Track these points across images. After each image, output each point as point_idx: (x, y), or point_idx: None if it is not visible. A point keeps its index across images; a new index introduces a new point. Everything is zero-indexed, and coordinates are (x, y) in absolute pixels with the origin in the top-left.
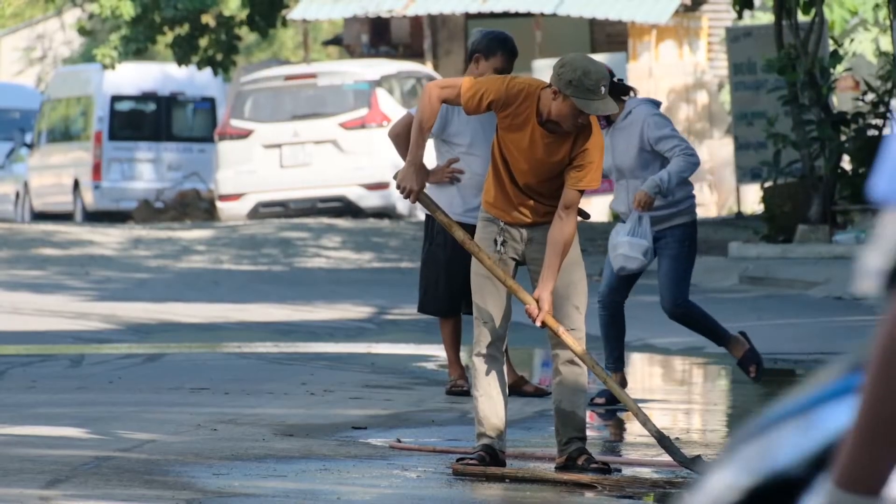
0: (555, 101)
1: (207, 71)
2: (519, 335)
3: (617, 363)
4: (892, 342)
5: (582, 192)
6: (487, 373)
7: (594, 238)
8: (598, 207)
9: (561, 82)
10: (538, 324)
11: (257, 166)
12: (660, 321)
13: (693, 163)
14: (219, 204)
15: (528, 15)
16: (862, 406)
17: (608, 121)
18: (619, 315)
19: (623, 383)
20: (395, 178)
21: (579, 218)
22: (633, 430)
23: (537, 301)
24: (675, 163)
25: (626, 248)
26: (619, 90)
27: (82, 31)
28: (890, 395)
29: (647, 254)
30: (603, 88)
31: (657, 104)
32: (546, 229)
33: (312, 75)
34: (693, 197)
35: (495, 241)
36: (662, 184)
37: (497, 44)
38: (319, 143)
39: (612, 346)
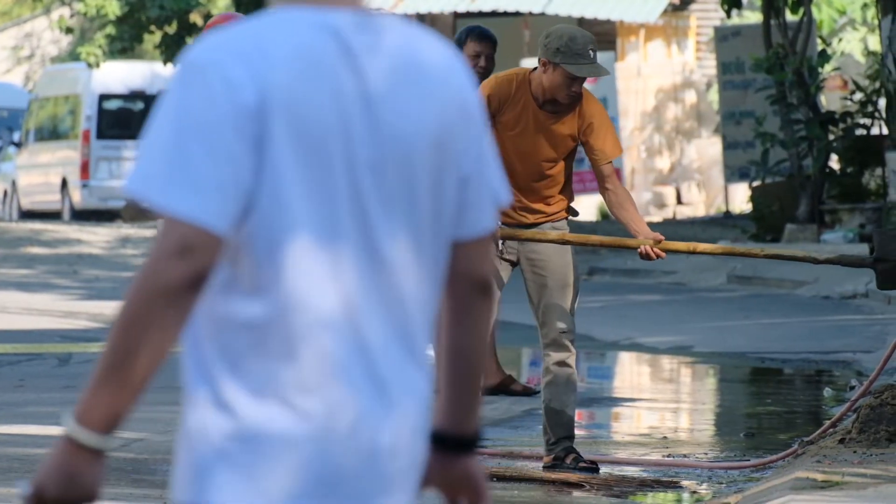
0: (545, 74)
1: None
2: (507, 334)
3: None
4: (137, 291)
5: (611, 162)
6: None
7: None
8: (585, 206)
9: (549, 52)
10: (662, 255)
11: None
12: (649, 320)
13: None
14: None
15: (517, 14)
16: (106, 344)
17: None
18: None
19: None
20: None
21: (571, 217)
22: (622, 429)
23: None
24: None
25: None
26: None
27: (63, 27)
28: (123, 339)
29: None
30: (591, 52)
31: None
32: (541, 230)
33: None
34: None
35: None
36: None
37: (464, 33)
38: None
39: None
